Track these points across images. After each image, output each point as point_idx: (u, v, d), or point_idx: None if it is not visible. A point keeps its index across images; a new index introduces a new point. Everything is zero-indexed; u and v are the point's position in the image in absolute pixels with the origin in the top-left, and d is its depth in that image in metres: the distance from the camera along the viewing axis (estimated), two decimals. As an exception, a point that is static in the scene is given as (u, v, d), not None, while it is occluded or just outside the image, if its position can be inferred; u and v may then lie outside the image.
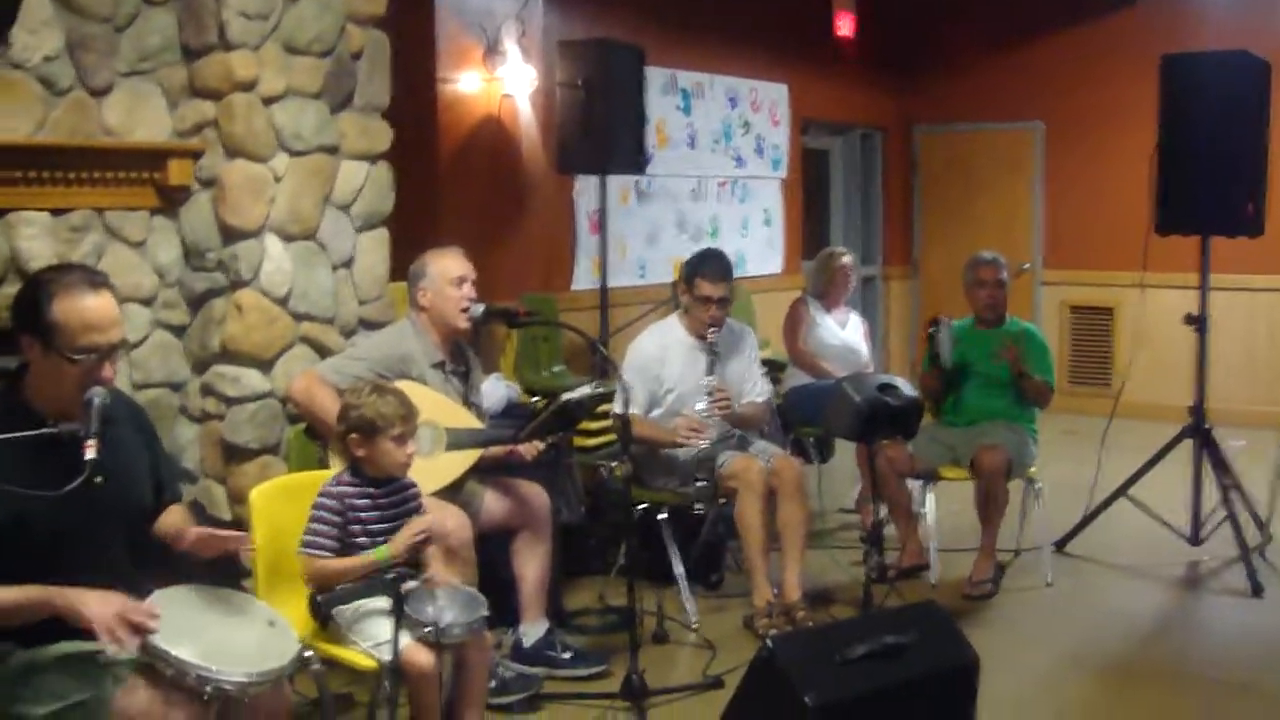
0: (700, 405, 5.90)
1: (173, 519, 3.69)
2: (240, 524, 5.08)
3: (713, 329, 6.00)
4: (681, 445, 5.90)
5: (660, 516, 6.05)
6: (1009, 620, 6.12)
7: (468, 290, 5.24)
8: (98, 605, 3.20)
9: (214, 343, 5.56)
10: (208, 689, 3.17)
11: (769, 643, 3.84)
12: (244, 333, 5.50)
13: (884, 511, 6.38)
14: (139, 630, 3.18)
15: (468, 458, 5.07)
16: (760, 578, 5.84)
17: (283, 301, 5.62)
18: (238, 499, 5.47)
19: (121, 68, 5.32)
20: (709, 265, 6.10)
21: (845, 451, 7.79)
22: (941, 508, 6.74)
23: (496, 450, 5.19)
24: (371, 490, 4.15)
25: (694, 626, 5.88)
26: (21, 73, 4.99)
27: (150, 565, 3.51)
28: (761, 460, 5.90)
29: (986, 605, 6.29)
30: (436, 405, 5.01)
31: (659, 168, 9.21)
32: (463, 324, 5.26)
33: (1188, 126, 6.64)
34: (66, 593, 3.24)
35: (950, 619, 4.21)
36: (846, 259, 7.99)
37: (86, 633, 3.23)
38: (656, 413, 6.02)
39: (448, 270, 5.25)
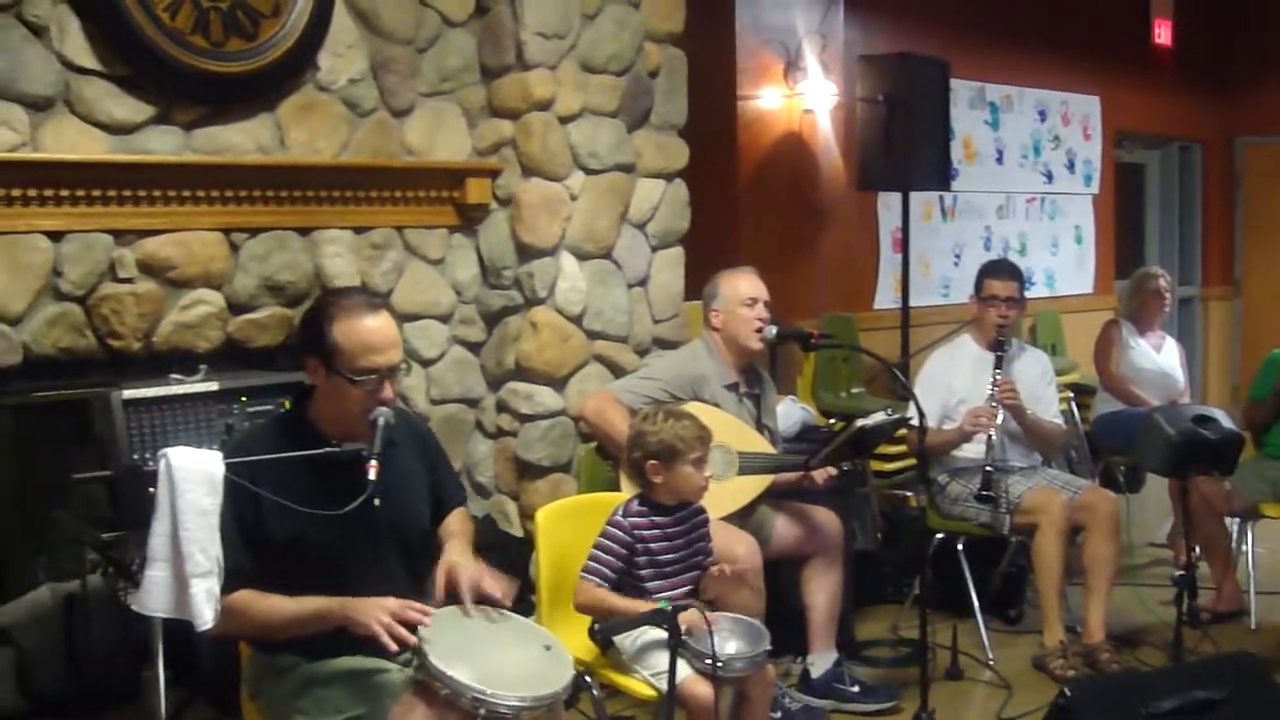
0: (985, 392, 5.70)
1: (450, 525, 3.71)
2: (530, 541, 5.10)
3: (1001, 326, 5.80)
4: (970, 433, 5.68)
5: (958, 547, 5.84)
6: (1338, 672, 5.67)
7: (760, 311, 5.15)
8: (374, 608, 3.24)
9: (509, 360, 5.60)
10: (481, 711, 3.15)
11: (1067, 690, 3.64)
12: (538, 350, 5.53)
13: (1198, 550, 6.02)
14: (413, 626, 3.20)
15: (759, 483, 4.97)
16: (1054, 617, 5.57)
17: (577, 320, 5.63)
18: (529, 515, 5.49)
19: (422, 88, 5.42)
20: (996, 265, 6.16)
21: (1157, 481, 7.41)
22: (1263, 547, 6.33)
23: (788, 475, 5.07)
24: (660, 519, 4.08)
25: (990, 663, 5.64)
26: (328, 95, 5.14)
27: (429, 586, 3.52)
28: (1066, 493, 5.63)
29: (1312, 655, 5.84)
30: (729, 428, 4.92)
31: (964, 184, 9.01)
32: (755, 345, 5.18)
33: None
34: (346, 603, 3.28)
35: (1269, 672, 3.92)
36: (1162, 280, 7.62)
37: (368, 644, 3.26)
38: (948, 425, 5.82)
39: (740, 291, 5.17)
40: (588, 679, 4.03)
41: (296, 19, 4.95)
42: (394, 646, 3.20)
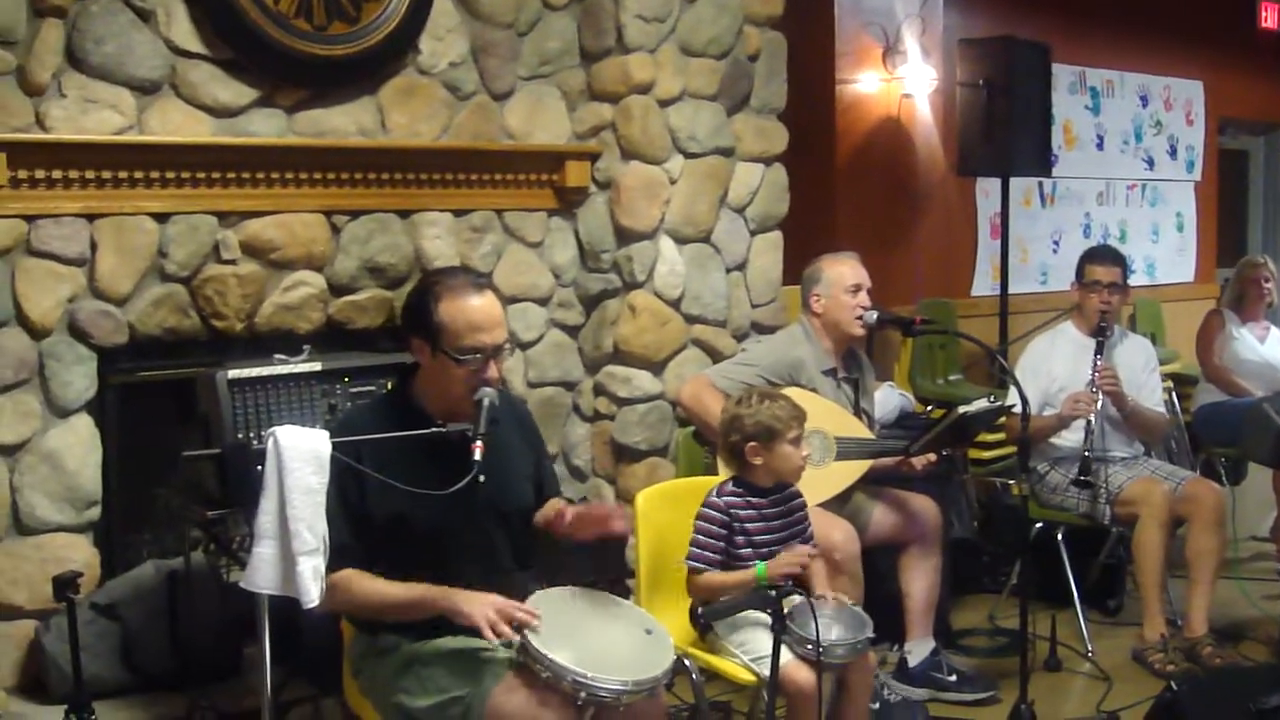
0: (1086, 379, 5.62)
1: (552, 507, 3.71)
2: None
3: (1104, 312, 5.72)
4: (1069, 418, 5.59)
5: (1058, 536, 5.77)
6: None
7: (863, 298, 5.10)
8: (478, 604, 3.23)
9: (607, 343, 5.60)
10: (582, 695, 3.15)
11: (1174, 684, 3.59)
12: (636, 334, 5.53)
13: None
14: (520, 626, 3.20)
15: (857, 468, 4.93)
16: (1155, 609, 5.47)
17: (675, 303, 5.62)
18: (626, 499, 5.49)
19: (522, 72, 5.44)
20: (1098, 251, 6.07)
21: (1259, 473, 7.27)
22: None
23: (886, 461, 5.03)
24: (756, 500, 4.06)
25: (1089, 655, 5.57)
26: (428, 78, 5.17)
27: (532, 565, 3.52)
28: (1168, 484, 5.55)
29: None
30: (827, 413, 4.89)
31: (1064, 170, 8.90)
32: (856, 331, 5.13)
33: None
34: (449, 593, 3.29)
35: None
36: (1265, 268, 7.47)
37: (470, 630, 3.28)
38: (1048, 412, 5.75)
39: (843, 277, 5.12)
40: (686, 662, 4.01)
41: (398, 3, 4.99)
42: (495, 640, 3.21)
